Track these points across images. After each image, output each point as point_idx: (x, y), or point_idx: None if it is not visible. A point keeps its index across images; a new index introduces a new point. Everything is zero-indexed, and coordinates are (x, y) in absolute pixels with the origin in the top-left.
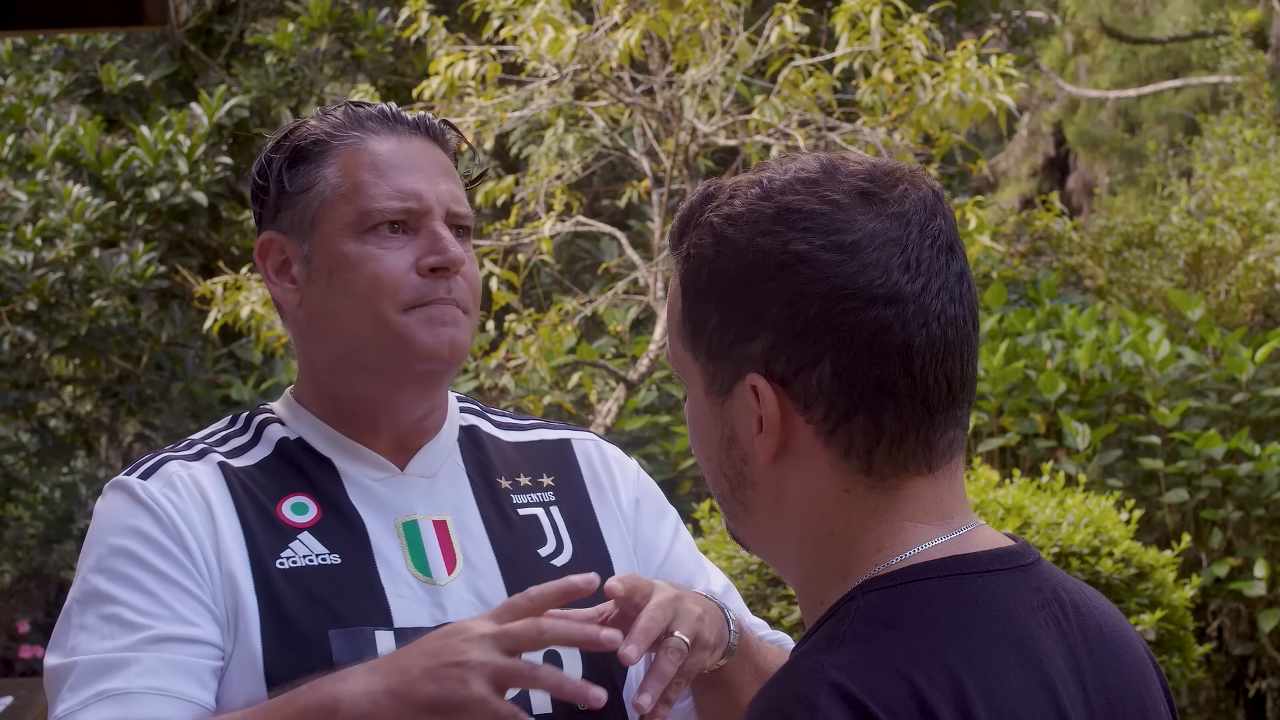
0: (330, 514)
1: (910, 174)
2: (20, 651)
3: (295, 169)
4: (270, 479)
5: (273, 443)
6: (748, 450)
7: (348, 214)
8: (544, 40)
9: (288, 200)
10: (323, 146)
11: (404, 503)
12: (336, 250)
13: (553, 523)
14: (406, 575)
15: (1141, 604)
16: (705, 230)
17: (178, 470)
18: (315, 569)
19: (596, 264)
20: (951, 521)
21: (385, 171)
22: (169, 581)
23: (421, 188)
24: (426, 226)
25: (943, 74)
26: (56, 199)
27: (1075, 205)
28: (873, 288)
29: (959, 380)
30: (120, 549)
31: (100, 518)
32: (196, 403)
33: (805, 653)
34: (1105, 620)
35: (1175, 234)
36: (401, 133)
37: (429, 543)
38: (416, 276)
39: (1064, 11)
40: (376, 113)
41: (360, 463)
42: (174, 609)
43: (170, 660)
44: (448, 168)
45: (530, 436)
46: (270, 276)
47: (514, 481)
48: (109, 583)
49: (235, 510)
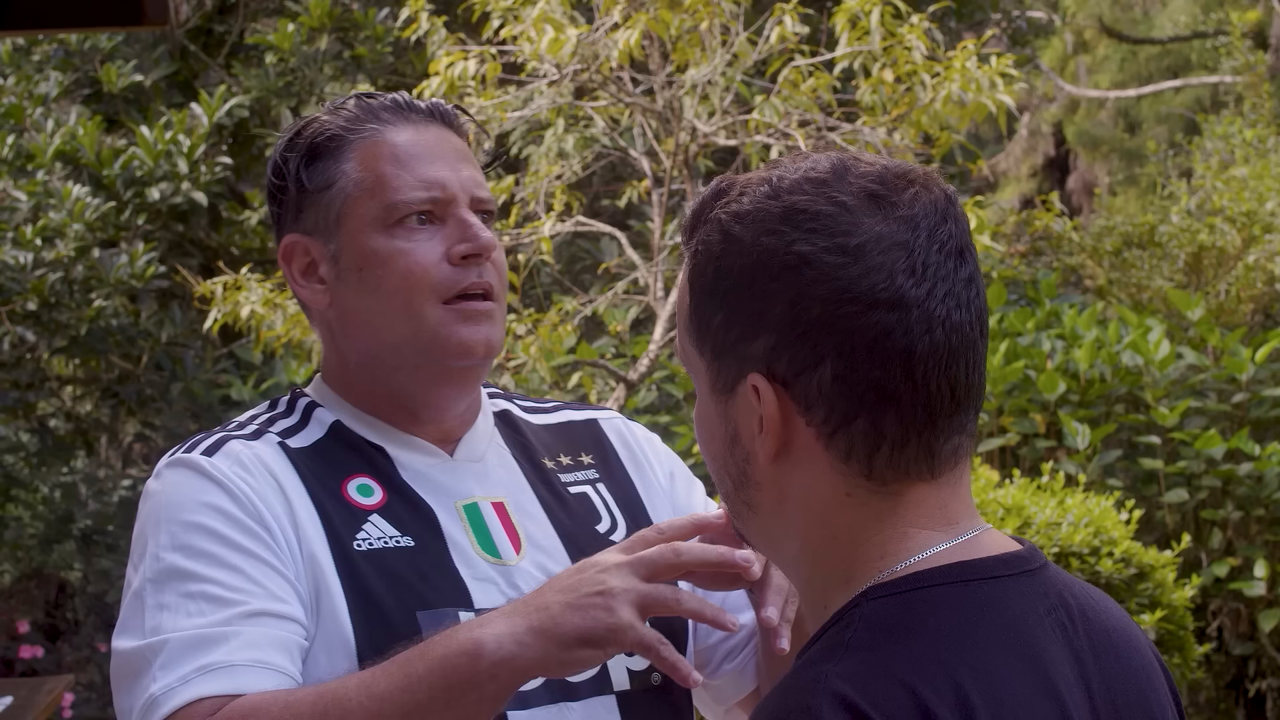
0: (395, 497)
1: (923, 177)
2: (20, 651)
3: (313, 166)
4: (329, 461)
5: (325, 425)
6: (750, 450)
7: (373, 208)
8: (544, 40)
9: (309, 199)
10: (339, 141)
11: (461, 486)
12: (365, 247)
13: (603, 500)
14: (476, 558)
15: (1141, 604)
16: (714, 227)
17: (241, 449)
18: (392, 551)
19: (596, 264)
20: (957, 527)
21: (406, 162)
22: (254, 558)
23: (445, 175)
24: (454, 214)
25: (943, 74)
26: (56, 199)
27: (1075, 205)
28: (875, 292)
29: (964, 387)
30: (197, 525)
31: (165, 495)
32: (196, 403)
33: (809, 661)
34: (1112, 625)
35: (1175, 234)
36: (416, 121)
37: (492, 524)
38: (448, 266)
39: (1064, 11)
40: (389, 103)
41: (411, 450)
42: (264, 585)
43: (268, 635)
44: (466, 153)
45: (557, 418)
46: (297, 279)
47: (556, 461)
48: (189, 560)
49: (306, 490)
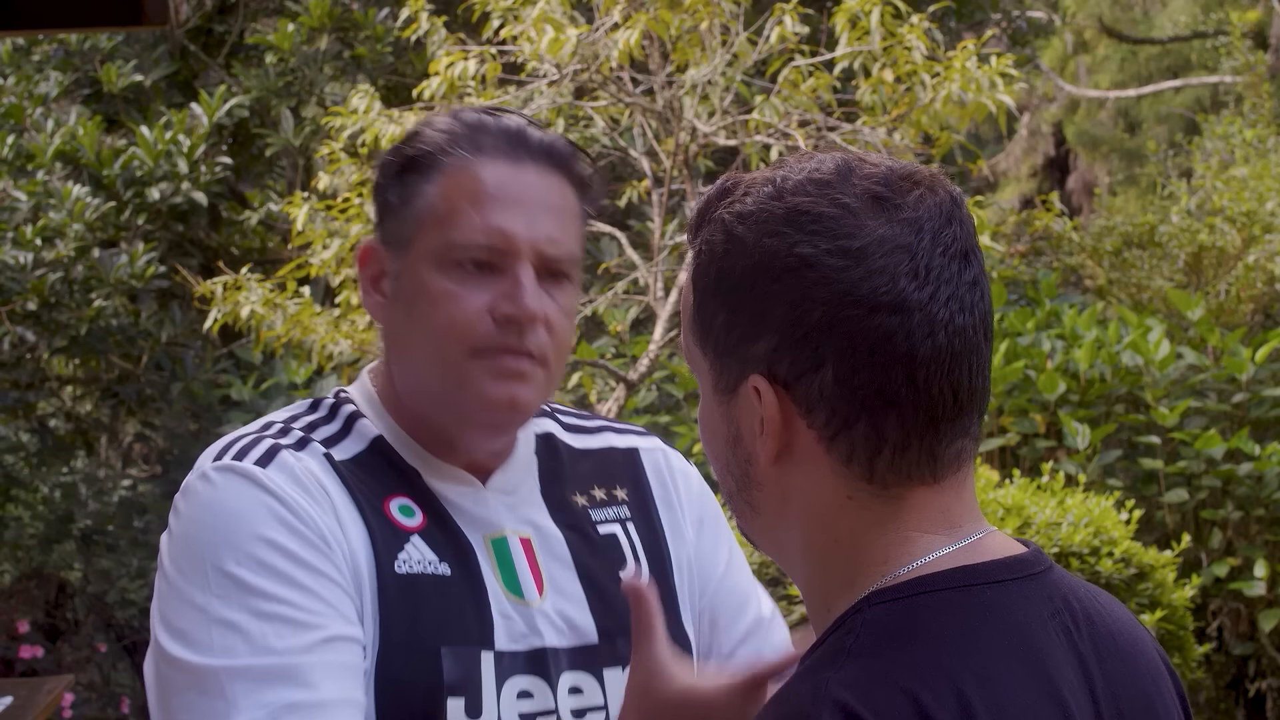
0: (433, 521)
1: (929, 179)
2: (20, 651)
3: (403, 179)
4: (372, 476)
5: (366, 439)
6: (752, 451)
7: (436, 242)
8: (544, 40)
9: (392, 211)
10: (432, 161)
11: (491, 518)
12: (420, 279)
13: (630, 542)
14: (501, 595)
15: (1141, 604)
16: (717, 226)
17: (293, 462)
18: (430, 578)
19: (596, 264)
20: (960, 530)
21: (483, 203)
22: (324, 577)
23: (514, 226)
24: (511, 269)
25: (943, 74)
26: (56, 199)
27: (1075, 205)
28: (877, 295)
29: (967, 391)
30: (265, 539)
31: (223, 506)
32: (196, 403)
33: (810, 668)
34: (1118, 628)
35: (1175, 234)
36: (520, 158)
37: (519, 561)
38: (490, 320)
39: (1064, 11)
40: (498, 130)
41: (443, 477)
42: (337, 607)
43: (345, 664)
44: (560, 203)
45: (599, 443)
46: (366, 286)
47: (589, 496)
48: (259, 576)
49: (354, 505)
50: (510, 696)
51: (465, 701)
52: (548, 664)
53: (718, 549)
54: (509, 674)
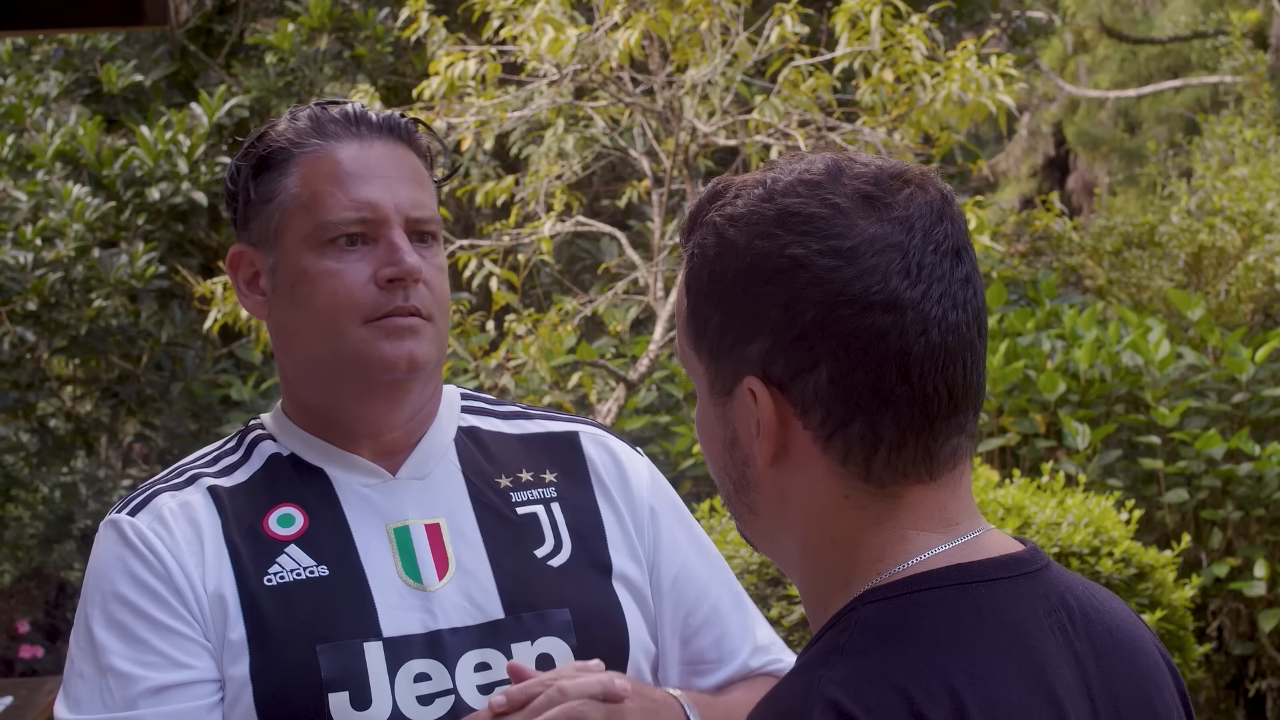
0: (317, 524)
1: (919, 177)
2: (20, 651)
3: (260, 178)
4: (257, 494)
5: (264, 457)
6: (748, 452)
7: (305, 226)
8: (544, 40)
9: (254, 210)
10: (285, 155)
11: (396, 508)
12: (297, 264)
13: (552, 521)
14: (396, 582)
15: (1141, 604)
16: (709, 230)
17: (167, 502)
18: (303, 583)
19: (596, 264)
20: (956, 528)
21: (343, 181)
22: (160, 627)
23: (378, 196)
24: (384, 236)
25: (943, 74)
26: (56, 199)
27: (1075, 205)
28: (870, 294)
29: (961, 388)
30: (113, 594)
31: (95, 559)
32: (196, 403)
33: (804, 666)
34: (1116, 625)
35: (1175, 234)
36: (365, 136)
37: (420, 548)
38: (375, 288)
39: (1064, 11)
40: (340, 115)
41: (351, 470)
42: (168, 655)
43: (171, 712)
44: (413, 171)
45: (536, 428)
46: (241, 289)
47: (514, 479)
48: (104, 630)
49: (223, 533)
50: (406, 680)
51: (350, 695)
52: (445, 645)
53: (676, 542)
54: (403, 659)
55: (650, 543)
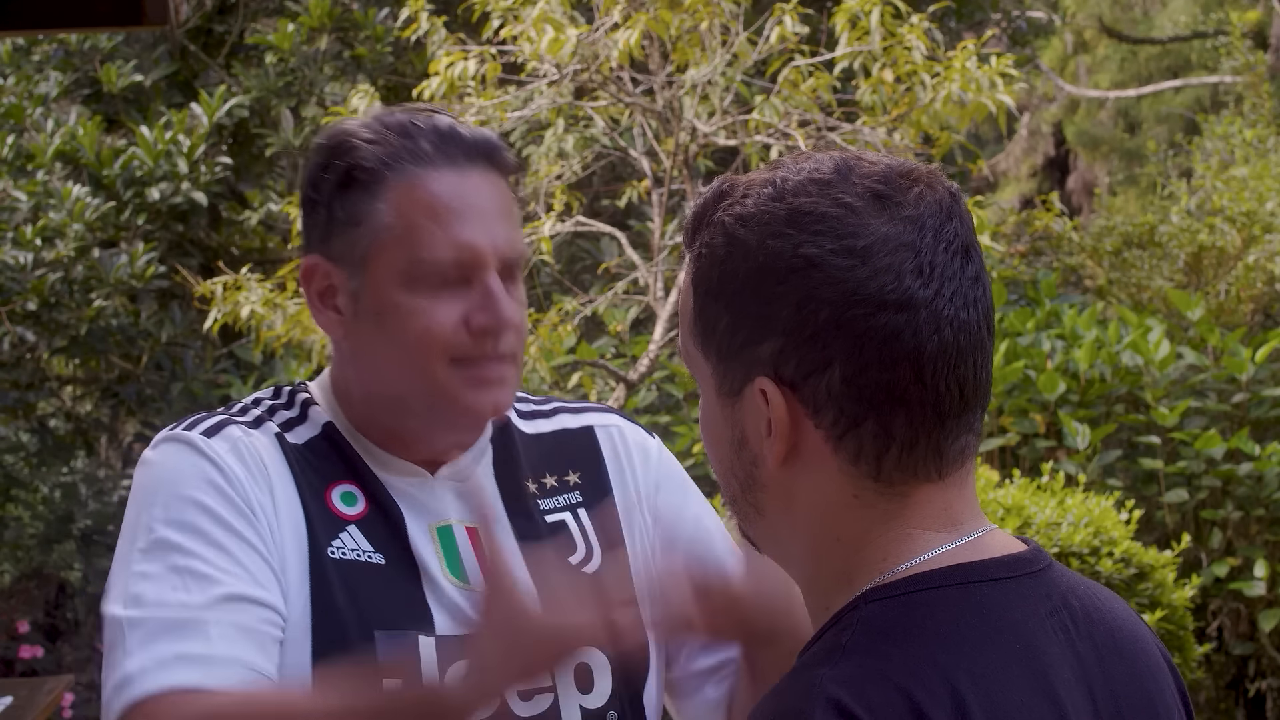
0: (375, 511)
1: (927, 175)
2: (20, 651)
3: (347, 195)
4: (321, 461)
5: (319, 425)
6: (757, 453)
7: (400, 260)
8: (544, 40)
9: (338, 227)
10: (377, 176)
11: (439, 507)
12: (387, 296)
13: (581, 528)
14: (443, 581)
15: (1141, 604)
16: (717, 229)
17: (240, 436)
18: (363, 565)
19: (596, 264)
20: (960, 528)
21: (441, 216)
22: (242, 540)
23: (477, 238)
24: (480, 280)
25: (943, 74)
26: (56, 199)
27: (1075, 205)
28: (884, 293)
29: (972, 386)
30: (191, 500)
31: (160, 468)
32: (196, 403)
33: (805, 664)
34: (1118, 625)
35: (1175, 234)
36: (459, 162)
37: (464, 548)
38: (465, 331)
39: (1064, 11)
40: (432, 133)
41: (391, 468)
42: (247, 568)
43: (244, 625)
44: (507, 205)
45: (553, 425)
46: (315, 302)
47: (540, 484)
48: (179, 533)
49: (295, 488)
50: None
51: (404, 685)
52: None
53: (683, 510)
54: (454, 658)
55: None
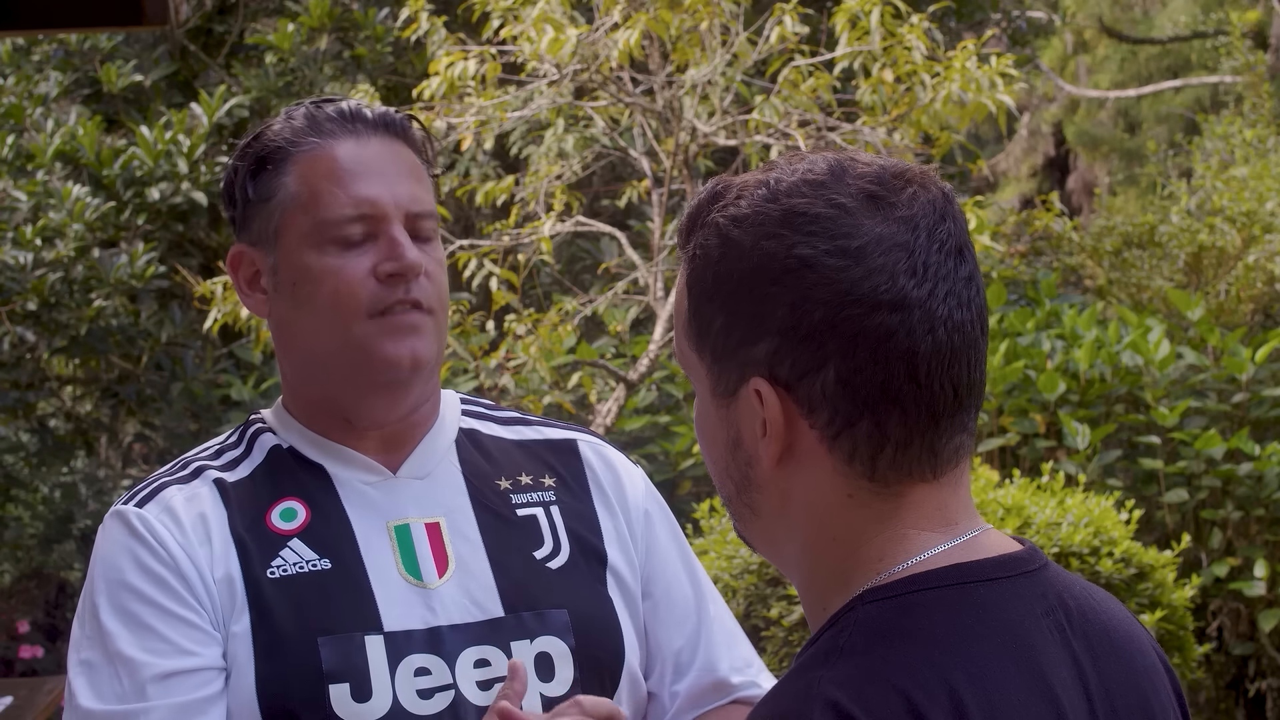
0: (319, 518)
1: (920, 176)
2: (20, 651)
3: (258, 178)
4: (261, 488)
5: (265, 450)
6: (752, 453)
7: (305, 225)
8: (544, 40)
9: (253, 210)
10: (283, 154)
11: (396, 506)
12: (298, 262)
13: (551, 523)
14: (397, 578)
15: (1141, 604)
16: (711, 230)
17: (174, 494)
18: (306, 575)
19: (596, 264)
20: (956, 528)
21: (342, 179)
22: (168, 615)
23: (378, 193)
24: (384, 232)
25: (943, 74)
26: (56, 199)
27: (1075, 205)
28: (878, 293)
29: (966, 386)
30: (123, 584)
31: (101, 547)
32: (196, 403)
33: (803, 665)
34: (1114, 625)
35: (1175, 234)
36: (361, 133)
37: (420, 546)
38: (375, 282)
39: (1064, 11)
40: (335, 113)
41: (351, 467)
42: (175, 642)
43: (181, 702)
44: (410, 166)
45: (535, 434)
46: (243, 288)
47: (514, 481)
48: (111, 618)
49: (229, 525)
50: (407, 674)
51: (350, 687)
52: (445, 641)
53: (669, 549)
54: (404, 653)
55: (643, 550)
